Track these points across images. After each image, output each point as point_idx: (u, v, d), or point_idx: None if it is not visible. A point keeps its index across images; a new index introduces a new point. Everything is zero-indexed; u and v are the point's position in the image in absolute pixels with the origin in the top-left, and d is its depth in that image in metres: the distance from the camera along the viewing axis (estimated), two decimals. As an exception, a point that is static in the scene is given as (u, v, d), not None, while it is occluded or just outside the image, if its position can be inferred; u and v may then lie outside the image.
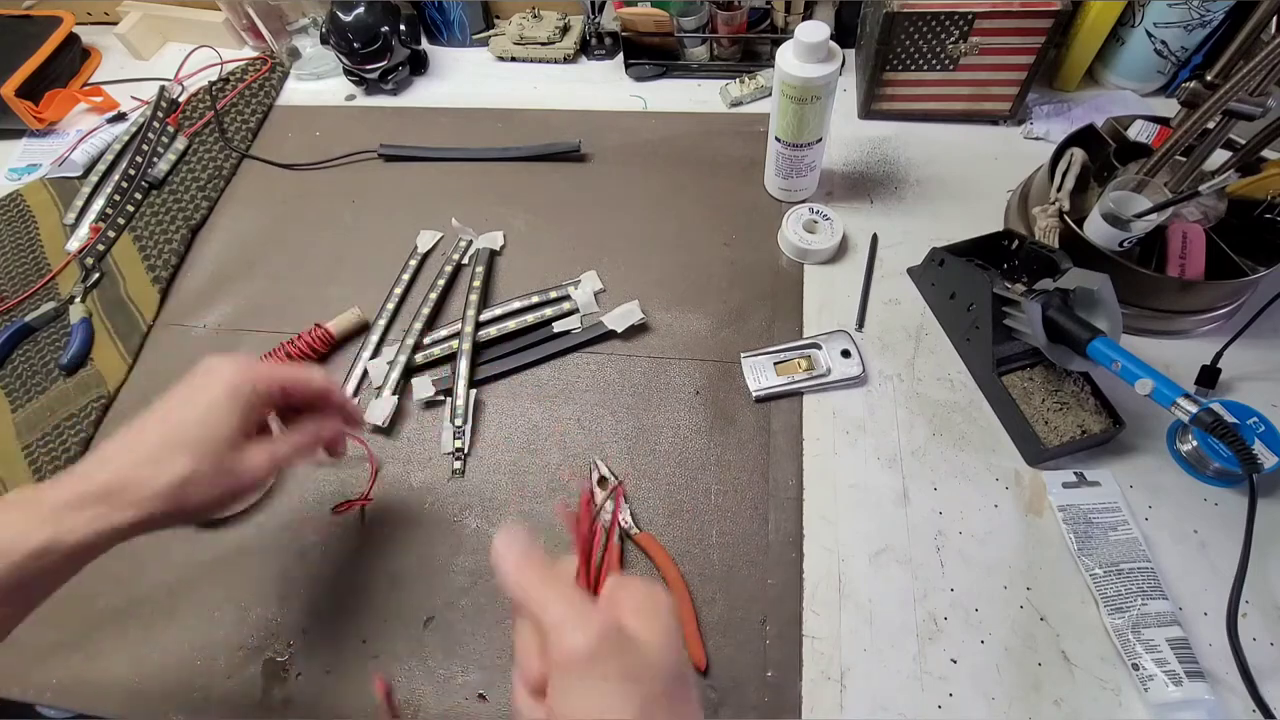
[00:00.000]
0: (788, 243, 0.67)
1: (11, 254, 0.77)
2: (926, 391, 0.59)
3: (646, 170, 0.77)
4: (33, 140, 0.88)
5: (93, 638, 0.53)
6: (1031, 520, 0.52)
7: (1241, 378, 0.57)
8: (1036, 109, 0.75)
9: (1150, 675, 0.45)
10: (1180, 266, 0.56)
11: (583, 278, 0.68)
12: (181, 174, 0.81)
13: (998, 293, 0.54)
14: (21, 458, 0.62)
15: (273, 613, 0.53)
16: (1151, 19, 0.69)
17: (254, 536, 0.57)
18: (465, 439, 0.59)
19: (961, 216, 0.68)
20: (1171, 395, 0.45)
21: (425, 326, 0.66)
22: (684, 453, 0.58)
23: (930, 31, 0.68)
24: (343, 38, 0.81)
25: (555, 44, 0.87)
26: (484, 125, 0.83)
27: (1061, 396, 0.55)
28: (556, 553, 0.54)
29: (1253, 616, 0.48)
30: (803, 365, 0.60)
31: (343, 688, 0.50)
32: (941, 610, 0.49)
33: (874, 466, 0.56)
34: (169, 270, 0.73)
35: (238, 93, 0.87)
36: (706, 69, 0.85)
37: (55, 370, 0.67)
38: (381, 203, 0.77)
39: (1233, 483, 0.52)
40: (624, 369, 0.63)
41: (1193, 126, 0.53)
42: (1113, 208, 0.56)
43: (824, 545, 0.53)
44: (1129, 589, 0.48)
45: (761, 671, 0.48)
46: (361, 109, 0.87)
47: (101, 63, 0.97)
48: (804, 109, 0.61)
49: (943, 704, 0.46)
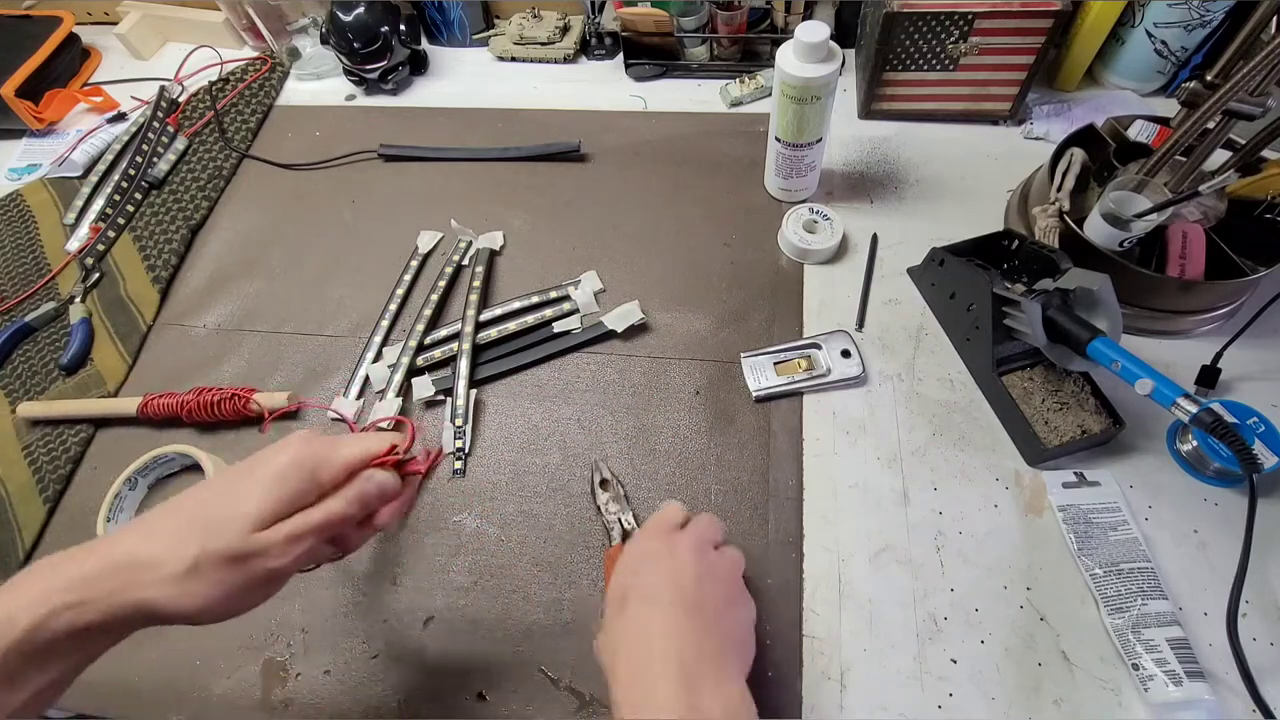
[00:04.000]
0: (788, 243, 0.67)
1: (11, 254, 0.77)
2: (926, 391, 0.59)
3: (646, 170, 0.77)
4: (33, 140, 0.88)
5: (93, 638, 0.53)
6: (1031, 520, 0.52)
7: (1241, 378, 0.57)
8: (1036, 109, 0.75)
9: (1150, 675, 0.44)
10: (1180, 266, 0.56)
11: (583, 278, 0.68)
12: (181, 174, 0.81)
13: (998, 293, 0.54)
14: (22, 458, 0.62)
15: (273, 613, 0.53)
16: (1151, 19, 0.69)
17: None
18: (466, 439, 0.59)
19: (961, 216, 0.68)
20: (1171, 395, 0.45)
21: (426, 328, 0.66)
22: (684, 453, 0.58)
23: (930, 31, 0.68)
24: (343, 38, 0.81)
25: (555, 44, 0.87)
26: (484, 125, 0.83)
27: (1061, 396, 0.55)
28: (557, 554, 0.54)
29: (1253, 616, 0.47)
30: (803, 365, 0.60)
31: (343, 688, 0.50)
32: (941, 610, 0.49)
33: (874, 466, 0.56)
34: (169, 270, 0.73)
35: (238, 93, 0.87)
36: (706, 69, 0.85)
37: (55, 370, 0.67)
38: (381, 203, 0.77)
39: (1233, 483, 0.52)
40: (624, 369, 0.63)
41: (1193, 126, 0.53)
42: (1113, 208, 0.56)
43: (824, 545, 0.53)
44: (1129, 589, 0.48)
45: (761, 671, 0.48)
46: (361, 109, 0.87)
47: (101, 63, 0.97)
48: (804, 109, 0.61)
49: (943, 704, 0.46)
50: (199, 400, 0.60)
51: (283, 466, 0.36)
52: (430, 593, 0.53)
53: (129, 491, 0.57)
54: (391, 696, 0.50)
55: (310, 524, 0.36)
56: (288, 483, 0.36)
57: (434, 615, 0.52)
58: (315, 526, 0.36)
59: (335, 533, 0.39)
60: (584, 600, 0.52)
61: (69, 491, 0.60)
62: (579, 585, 0.53)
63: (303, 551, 0.36)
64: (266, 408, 0.61)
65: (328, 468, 0.38)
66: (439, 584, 0.54)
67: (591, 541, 0.54)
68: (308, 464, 0.37)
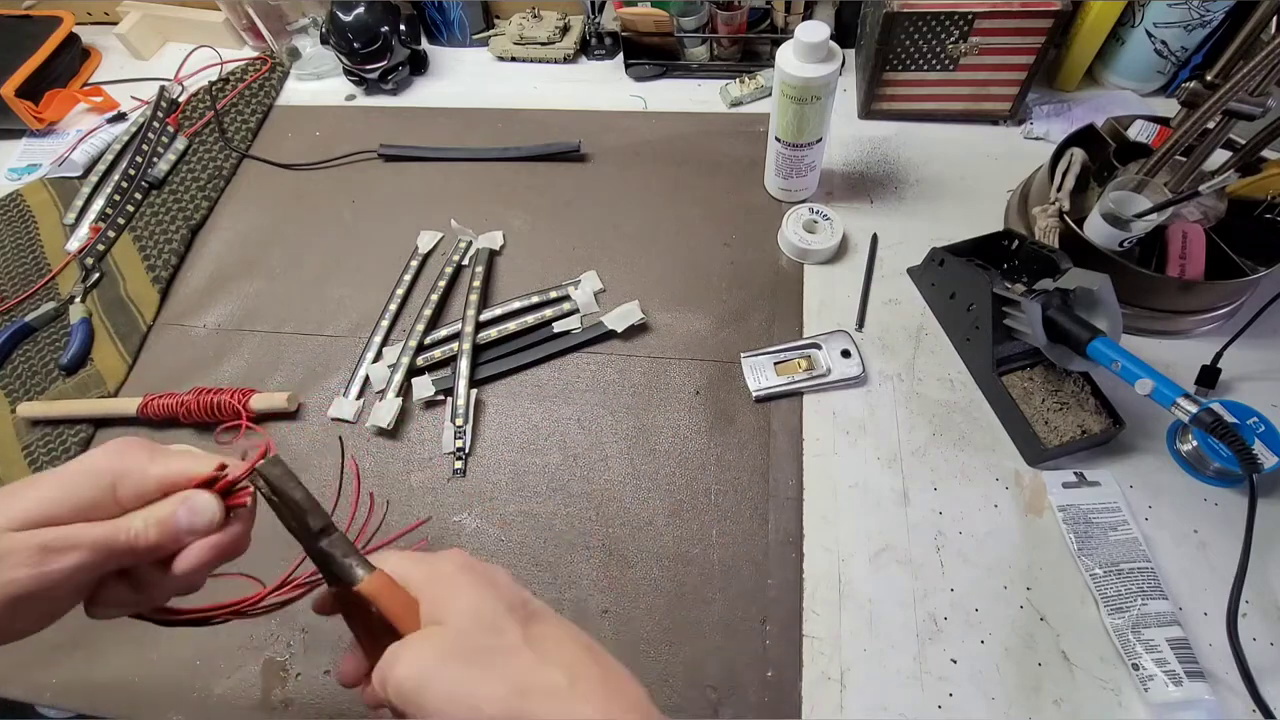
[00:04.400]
0: (788, 243, 0.67)
1: (11, 254, 0.77)
2: (926, 391, 0.59)
3: (646, 170, 0.77)
4: (33, 140, 0.88)
5: (92, 638, 0.53)
6: (1031, 520, 0.52)
7: (1241, 378, 0.57)
8: (1036, 109, 0.75)
9: (1150, 675, 0.44)
10: (1180, 266, 0.56)
11: (583, 278, 0.68)
12: (181, 174, 0.81)
13: (998, 293, 0.54)
14: (22, 458, 0.62)
15: (272, 615, 0.53)
16: (1151, 19, 0.69)
17: (253, 536, 0.57)
18: (466, 439, 0.59)
19: (961, 216, 0.68)
20: (1171, 395, 0.45)
21: (426, 328, 0.66)
22: (684, 453, 0.58)
23: (930, 31, 0.68)
24: (343, 38, 0.81)
25: (555, 44, 0.87)
26: (484, 125, 0.83)
27: (1061, 396, 0.55)
28: (557, 554, 0.54)
29: (1253, 616, 0.47)
30: (803, 365, 0.60)
31: (342, 688, 0.50)
32: (941, 610, 0.49)
33: (874, 466, 0.56)
34: (169, 270, 0.73)
35: (238, 93, 0.87)
36: (706, 69, 0.85)
37: (55, 370, 0.67)
38: (381, 203, 0.77)
39: (1233, 483, 0.52)
40: (624, 369, 0.63)
41: (1193, 126, 0.53)
42: (1113, 208, 0.56)
43: (824, 545, 0.53)
44: (1129, 589, 0.48)
45: (761, 671, 0.48)
46: (361, 109, 0.87)
47: (101, 63, 0.97)
48: (804, 109, 0.61)
49: (943, 704, 0.46)
50: (198, 401, 0.60)
51: (73, 470, 0.31)
52: (430, 593, 0.53)
53: (129, 491, 0.57)
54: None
55: (78, 539, 0.29)
56: (73, 489, 0.30)
57: (434, 615, 0.52)
58: (86, 543, 0.29)
59: (125, 562, 0.31)
60: (584, 600, 0.52)
61: (69, 491, 0.60)
62: (579, 585, 0.53)
63: (60, 571, 0.28)
64: (253, 410, 0.61)
65: (133, 481, 0.31)
66: (439, 584, 0.53)
67: (591, 542, 0.54)
68: (106, 473, 0.31)
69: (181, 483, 0.32)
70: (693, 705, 0.48)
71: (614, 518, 0.55)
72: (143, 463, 0.32)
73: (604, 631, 0.51)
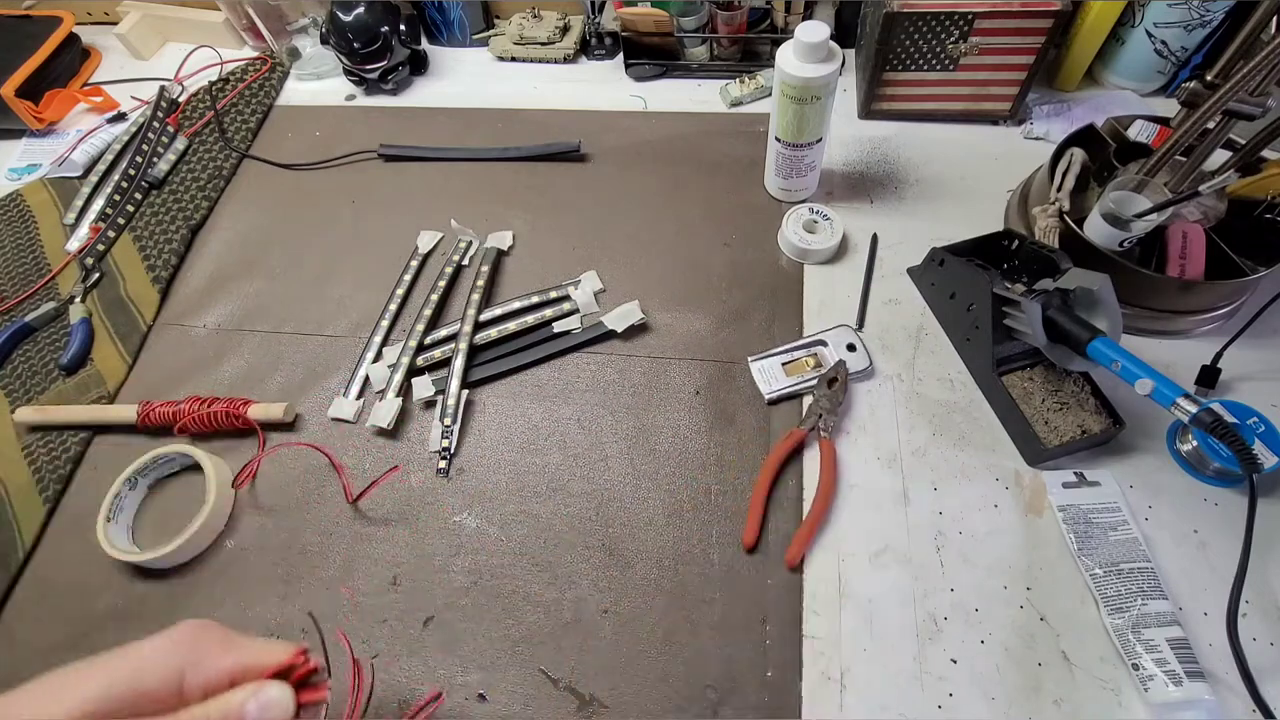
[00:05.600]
0: (788, 243, 0.67)
1: (11, 254, 0.77)
2: (926, 391, 0.59)
3: (646, 170, 0.77)
4: (33, 140, 0.88)
5: (92, 638, 0.53)
6: (1031, 520, 0.52)
7: (1241, 378, 0.57)
8: (1036, 109, 0.75)
9: (1150, 675, 0.44)
10: (1180, 266, 0.56)
11: (583, 278, 0.68)
12: (181, 174, 0.81)
13: (998, 293, 0.54)
14: (22, 458, 0.62)
15: (273, 613, 0.53)
16: (1151, 19, 0.69)
17: (254, 536, 0.57)
18: (453, 439, 0.59)
19: (961, 216, 0.68)
20: (1171, 395, 0.45)
21: (427, 328, 0.65)
22: (684, 453, 0.58)
23: (930, 31, 0.68)
24: (343, 38, 0.81)
25: (555, 44, 0.87)
26: (484, 125, 0.83)
27: (1061, 396, 0.55)
28: (557, 554, 0.54)
29: (1253, 616, 0.48)
30: (810, 363, 0.60)
31: (342, 688, 0.50)
32: (941, 610, 0.49)
33: (874, 466, 0.56)
34: (169, 270, 0.73)
35: (238, 93, 0.87)
36: (706, 69, 0.85)
37: (55, 370, 0.66)
38: (381, 203, 0.77)
39: (1233, 483, 0.52)
40: (624, 369, 0.63)
41: (1193, 126, 0.53)
42: (1113, 208, 0.56)
43: (824, 545, 0.53)
44: (1129, 589, 0.48)
45: (761, 671, 0.48)
46: (361, 109, 0.87)
47: (101, 63, 0.97)
48: (804, 109, 0.61)
49: (943, 704, 0.46)
50: (194, 415, 0.60)
51: (146, 656, 0.30)
52: (430, 593, 0.53)
53: (129, 492, 0.57)
54: (391, 697, 0.49)
55: None
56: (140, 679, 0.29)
57: (434, 615, 0.52)
58: None
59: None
60: (584, 600, 0.52)
61: (69, 492, 0.60)
62: (579, 585, 0.53)
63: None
64: (251, 420, 0.60)
65: (203, 672, 0.30)
66: (439, 584, 0.54)
67: (591, 542, 0.54)
68: (176, 666, 0.30)
69: (254, 672, 0.31)
70: (693, 705, 0.48)
71: (614, 518, 0.55)
72: (216, 655, 0.31)
73: (604, 631, 0.51)
